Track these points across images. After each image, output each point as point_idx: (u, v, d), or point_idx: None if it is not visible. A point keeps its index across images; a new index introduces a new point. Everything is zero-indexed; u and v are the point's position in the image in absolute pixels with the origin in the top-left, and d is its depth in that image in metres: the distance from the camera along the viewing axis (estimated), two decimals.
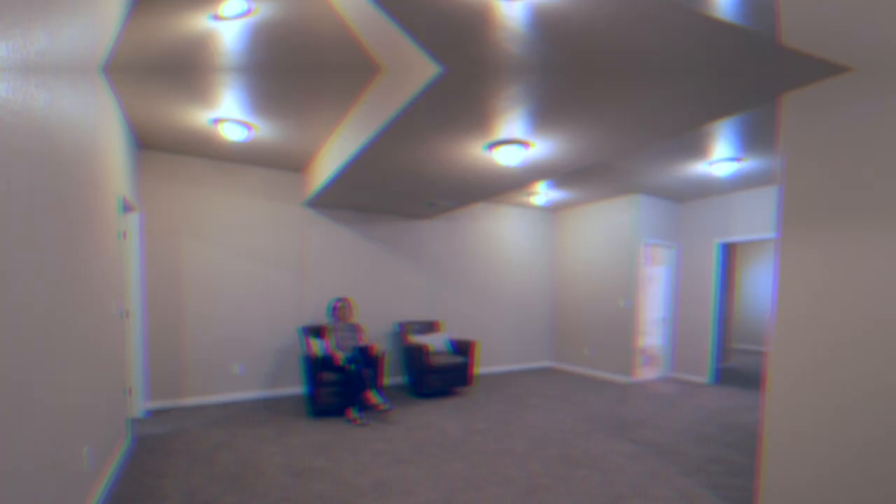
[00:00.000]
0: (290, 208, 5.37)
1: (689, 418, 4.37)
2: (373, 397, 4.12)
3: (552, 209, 7.52)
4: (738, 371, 7.17)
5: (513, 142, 3.27)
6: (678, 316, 6.71)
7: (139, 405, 4.18)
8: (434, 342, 5.41)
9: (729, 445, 3.60)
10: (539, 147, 3.37)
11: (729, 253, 7.73)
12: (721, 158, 4.65)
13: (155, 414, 4.29)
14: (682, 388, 5.83)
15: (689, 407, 4.83)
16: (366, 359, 4.58)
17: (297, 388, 5.24)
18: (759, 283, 10.13)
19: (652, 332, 8.52)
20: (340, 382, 4.25)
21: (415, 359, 5.01)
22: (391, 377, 5.88)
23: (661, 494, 2.70)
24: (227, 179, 5.02)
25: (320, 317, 5.37)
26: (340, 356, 4.31)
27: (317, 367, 4.22)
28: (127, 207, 4.04)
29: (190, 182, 4.82)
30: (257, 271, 5.12)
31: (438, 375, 5.00)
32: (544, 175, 4.07)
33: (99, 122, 2.77)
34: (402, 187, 4.54)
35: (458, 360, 5.14)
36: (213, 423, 4.01)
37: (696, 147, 4.32)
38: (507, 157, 3.39)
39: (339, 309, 4.76)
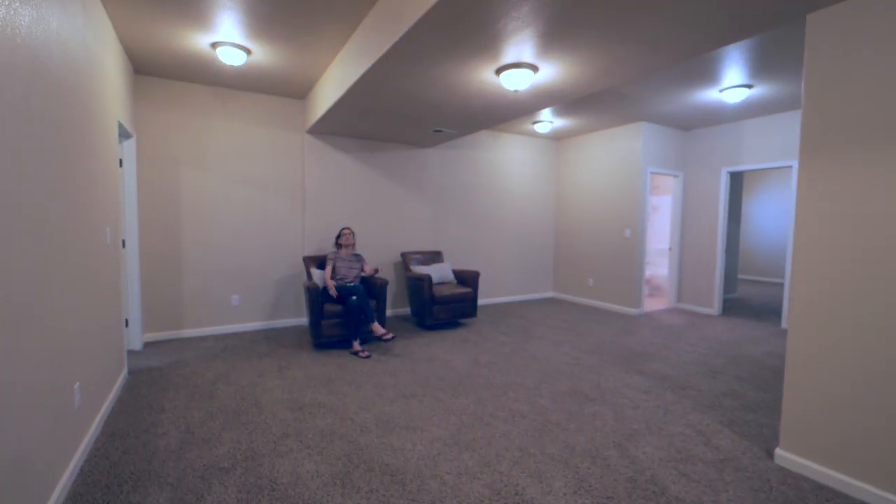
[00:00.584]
0: (291, 136, 4.96)
1: (698, 350, 4.28)
2: (378, 328, 3.98)
3: (555, 138, 7.03)
4: (744, 302, 7.09)
5: (520, 65, 2.92)
6: (683, 246, 6.48)
7: (136, 337, 4.06)
8: (438, 273, 5.22)
9: (741, 379, 3.51)
10: (546, 71, 3.06)
11: (734, 182, 7.35)
12: (732, 85, 4.35)
13: (152, 346, 4.19)
14: (689, 319, 5.74)
15: (697, 338, 4.74)
16: (369, 289, 4.40)
17: (298, 319, 5.14)
18: (764, 213, 9.82)
19: (656, 263, 8.37)
20: (343, 314, 4.11)
21: (419, 290, 4.84)
22: (394, 308, 5.78)
23: (676, 431, 2.61)
24: (226, 106, 4.65)
25: (322, 246, 5.13)
26: (333, 286, 4.13)
27: (319, 299, 4.04)
28: (123, 134, 3.71)
29: (187, 108, 4.46)
30: (256, 199, 4.81)
31: (443, 307, 4.86)
32: (551, 101, 3.62)
33: (92, 43, 2.61)
34: (406, 113, 4.11)
35: (463, 290, 4.98)
36: (212, 356, 3.91)
37: (706, 73, 4.07)
38: (513, 82, 3.05)
39: (344, 236, 4.50)
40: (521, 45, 2.59)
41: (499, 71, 3.00)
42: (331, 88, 3.89)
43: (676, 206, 6.46)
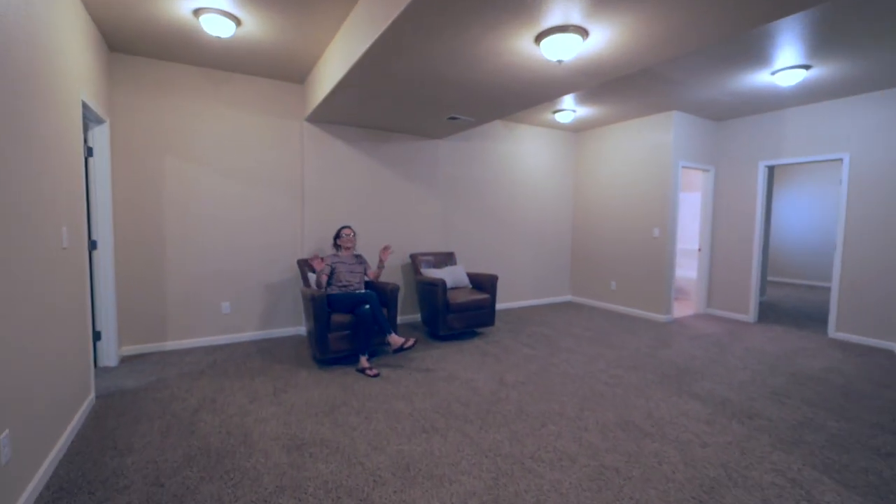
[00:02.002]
0: (288, 124, 4.44)
1: (749, 366, 3.78)
2: (396, 339, 3.49)
3: (574, 130, 6.52)
4: (776, 306, 6.59)
5: (566, 29, 2.40)
6: (714, 246, 5.98)
7: (111, 351, 3.55)
8: (452, 277, 4.71)
9: (811, 404, 3.01)
10: (596, 38, 2.51)
11: (769, 177, 6.85)
12: (787, 66, 3.87)
13: (131, 361, 3.68)
14: (725, 327, 5.24)
15: (741, 351, 4.24)
16: (381, 296, 3.89)
17: (296, 328, 4.63)
18: (791, 210, 9.25)
19: (681, 264, 7.85)
20: (353, 325, 3.59)
21: (431, 296, 4.33)
22: (402, 315, 5.27)
23: (765, 480, 2.10)
24: (216, 90, 4.12)
25: (323, 247, 4.62)
26: (322, 267, 3.71)
27: (325, 309, 3.52)
28: (93, 119, 3.19)
29: (171, 92, 3.94)
30: (250, 194, 4.30)
31: (458, 315, 4.35)
32: (594, 77, 3.09)
33: (42, 9, 2.13)
34: (419, 97, 3.58)
35: (480, 297, 4.47)
36: (198, 374, 3.40)
37: (758, 53, 3.56)
38: (557, 50, 2.52)
39: (344, 237, 3.98)
40: (569, 1, 2.08)
41: (539, 38, 2.48)
42: (332, 68, 3.37)
43: (706, 202, 5.95)
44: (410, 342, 3.43)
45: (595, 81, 3.17)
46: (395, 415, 2.73)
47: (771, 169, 6.90)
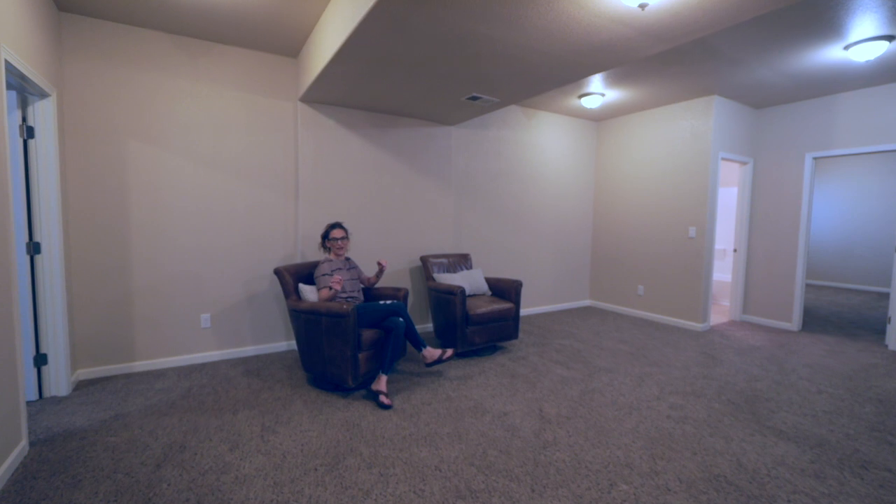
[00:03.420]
0: (280, 105, 3.80)
1: (823, 389, 3.21)
2: (431, 352, 3.15)
3: (595, 118, 5.95)
4: (814, 312, 6.05)
5: None
6: (751, 247, 5.43)
7: (61, 378, 2.89)
8: (469, 283, 4.11)
9: None
10: None
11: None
12: (866, 38, 3.30)
13: (88, 387, 3.03)
14: (770, 337, 4.69)
15: (803, 368, 3.68)
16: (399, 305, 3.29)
17: (289, 343, 4.00)
18: (826, 206, 8.68)
19: (714, 267, 7.31)
20: (379, 343, 3.03)
21: (448, 307, 3.71)
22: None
23: None
24: (192, 62, 3.48)
25: (319, 253, 3.98)
26: (340, 307, 2.99)
27: (356, 326, 2.93)
28: (32, 91, 2.54)
29: (136, 63, 3.28)
30: (233, 187, 3.65)
31: (480, 328, 3.74)
32: (677, 33, 2.45)
33: None
34: (439, 68, 2.95)
35: (504, 306, 3.86)
36: (168, 407, 2.76)
37: (833, 22, 3.00)
38: None
39: (338, 239, 3.36)
40: None
41: None
42: (332, 32, 2.74)
43: (743, 198, 5.40)
44: (448, 353, 3.10)
45: (666, 43, 2.56)
46: (419, 469, 2.12)
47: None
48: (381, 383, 2.87)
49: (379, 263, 3.39)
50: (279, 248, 3.88)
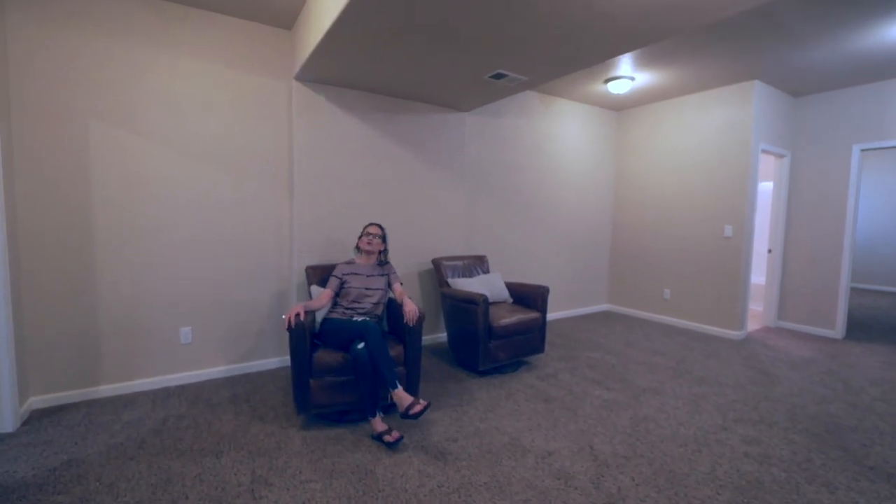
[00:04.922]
0: (272, 84, 3.29)
1: None
2: (403, 397, 2.31)
3: (617, 108, 5.50)
4: (856, 318, 5.63)
5: None
6: (788, 247, 4.99)
7: (6, 410, 2.36)
8: (489, 289, 3.62)
9: None
10: None
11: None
12: None
13: (41, 419, 2.50)
14: (815, 346, 4.25)
15: (871, 386, 3.24)
16: (394, 327, 2.77)
17: (282, 358, 3.49)
18: (866, 203, 8.22)
19: None
20: (351, 370, 2.45)
21: (468, 317, 3.22)
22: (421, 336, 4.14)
23: None
24: (168, 30, 2.95)
25: (324, 253, 3.47)
26: (301, 311, 2.40)
27: (303, 341, 2.39)
28: None
29: (99, 28, 2.75)
30: (217, 179, 3.13)
31: (503, 342, 3.25)
32: None
33: None
34: (460, 35, 2.42)
35: (529, 315, 3.38)
36: (136, 446, 2.24)
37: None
38: None
39: (367, 236, 2.85)
40: None
41: None
42: None
43: (779, 194, 4.96)
44: (418, 407, 2.23)
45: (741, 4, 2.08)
46: None
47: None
48: (375, 426, 2.33)
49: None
50: (270, 249, 3.36)
